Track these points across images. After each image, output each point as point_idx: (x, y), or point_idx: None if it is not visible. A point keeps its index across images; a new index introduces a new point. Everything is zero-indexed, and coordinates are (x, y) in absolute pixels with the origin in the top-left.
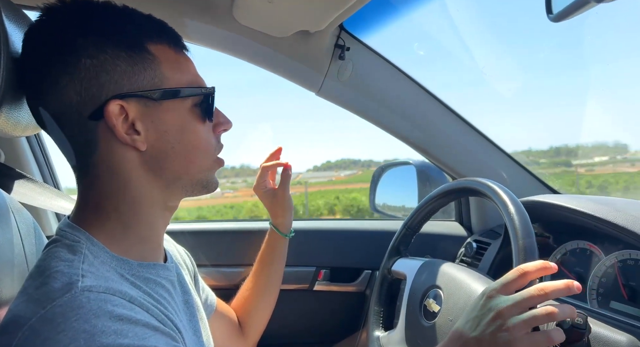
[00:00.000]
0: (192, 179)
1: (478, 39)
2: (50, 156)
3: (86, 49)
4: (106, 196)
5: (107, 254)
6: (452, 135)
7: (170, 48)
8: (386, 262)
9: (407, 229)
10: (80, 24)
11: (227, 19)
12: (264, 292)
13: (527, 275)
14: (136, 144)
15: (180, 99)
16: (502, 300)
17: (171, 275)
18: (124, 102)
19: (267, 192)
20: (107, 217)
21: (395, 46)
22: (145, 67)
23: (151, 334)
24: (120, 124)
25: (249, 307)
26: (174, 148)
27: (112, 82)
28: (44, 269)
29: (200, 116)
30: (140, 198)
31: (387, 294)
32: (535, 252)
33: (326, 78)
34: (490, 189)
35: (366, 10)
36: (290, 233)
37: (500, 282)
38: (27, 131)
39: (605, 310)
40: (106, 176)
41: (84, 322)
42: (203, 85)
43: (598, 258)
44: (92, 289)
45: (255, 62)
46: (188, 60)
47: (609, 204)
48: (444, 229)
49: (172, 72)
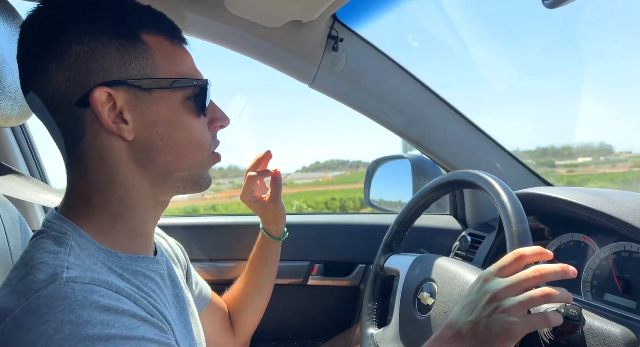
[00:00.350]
0: (183, 174)
1: (472, 31)
2: (37, 149)
3: (78, 36)
4: (94, 187)
5: (94, 246)
6: (446, 128)
7: (166, 39)
8: (379, 259)
9: (398, 225)
10: (75, 11)
11: (219, 9)
12: (255, 293)
13: (523, 258)
14: (122, 133)
15: (172, 90)
16: (498, 282)
17: (161, 268)
18: (112, 90)
19: (256, 202)
20: (95, 209)
21: (389, 37)
22: (137, 56)
23: (139, 324)
24: (106, 111)
25: (239, 307)
26: (163, 140)
27: (101, 69)
28: (29, 260)
29: (194, 110)
30: (129, 190)
31: (380, 291)
32: (529, 237)
33: (319, 70)
34: (483, 180)
35: (359, 0)
36: (283, 236)
37: (497, 266)
38: (10, 122)
39: (599, 302)
40: (94, 165)
41: (68, 312)
42: (202, 79)
43: (592, 250)
44: (77, 280)
45: (247, 53)
46: (185, 53)
47: (604, 195)
48: (439, 223)
49: (166, 64)
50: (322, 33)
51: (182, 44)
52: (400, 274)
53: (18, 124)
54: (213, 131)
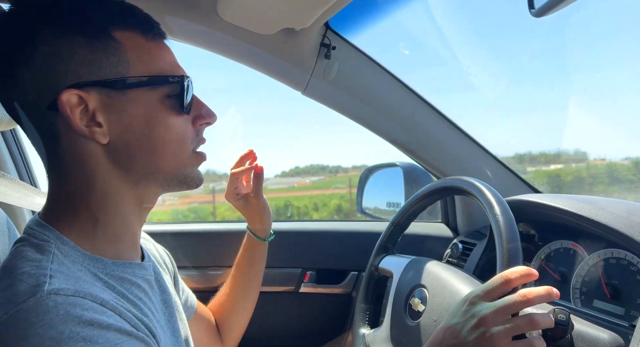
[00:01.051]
0: (165, 174)
1: (463, 40)
2: (27, 153)
3: (43, 38)
4: (75, 192)
5: (78, 252)
6: (437, 136)
7: (140, 35)
8: (373, 260)
9: (394, 226)
10: (40, 13)
11: (212, 15)
12: (242, 297)
13: (511, 282)
14: (96, 136)
15: (148, 89)
16: (485, 306)
17: (148, 274)
18: (83, 92)
19: (239, 199)
20: (77, 214)
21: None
22: (108, 54)
23: (124, 339)
24: (77, 115)
25: (226, 312)
26: (140, 141)
27: (69, 71)
28: (10, 270)
29: (173, 108)
30: (109, 194)
31: (374, 292)
32: (519, 256)
33: (312, 77)
34: (476, 188)
35: (352, 9)
36: (270, 236)
37: (484, 289)
38: (0, 126)
39: (588, 309)
40: (72, 170)
41: (49, 328)
42: (179, 74)
43: (581, 257)
44: (59, 292)
45: (239, 60)
46: (162, 48)
47: (592, 202)
48: (430, 230)
49: (140, 61)
50: (314, 41)
51: (160, 38)
52: (393, 275)
53: (8, 129)
54: (198, 128)
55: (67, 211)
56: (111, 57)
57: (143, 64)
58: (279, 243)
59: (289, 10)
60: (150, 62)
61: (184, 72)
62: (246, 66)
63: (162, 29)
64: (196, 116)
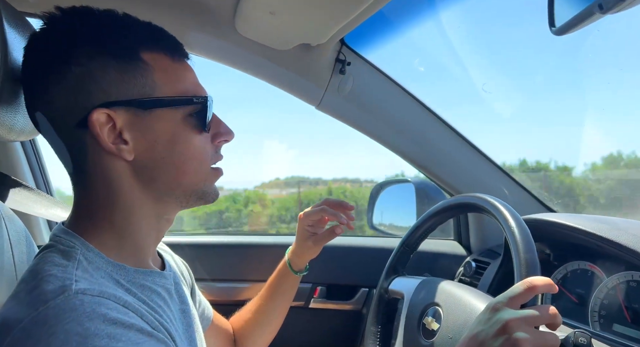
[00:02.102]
0: (185, 190)
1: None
2: (45, 163)
3: (77, 58)
4: (99, 205)
5: (102, 259)
6: (451, 153)
7: (166, 56)
8: (383, 282)
9: (404, 247)
10: (74, 33)
11: (230, 31)
12: (265, 319)
13: (535, 289)
14: (122, 153)
15: (172, 108)
16: (509, 313)
17: (168, 283)
18: (111, 111)
19: (307, 229)
20: (101, 226)
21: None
22: (136, 75)
23: (145, 339)
24: (105, 133)
25: (248, 330)
26: (164, 159)
27: (99, 90)
28: (37, 272)
29: (195, 126)
30: (133, 208)
31: (384, 314)
32: (537, 267)
33: (326, 92)
34: (490, 204)
35: (367, 25)
36: (303, 272)
37: (507, 296)
38: (22, 136)
39: (608, 333)
40: (98, 184)
41: (76, 324)
42: (201, 95)
43: (600, 279)
44: (86, 292)
45: (256, 74)
46: (186, 69)
47: (611, 223)
48: (443, 248)
49: (166, 81)
50: (330, 56)
51: (183, 59)
52: (404, 297)
53: (30, 139)
54: (217, 145)
55: (91, 221)
56: (139, 77)
57: (168, 84)
58: None
59: (306, 26)
60: (175, 82)
61: (205, 91)
62: (262, 80)
63: (185, 49)
64: (215, 134)
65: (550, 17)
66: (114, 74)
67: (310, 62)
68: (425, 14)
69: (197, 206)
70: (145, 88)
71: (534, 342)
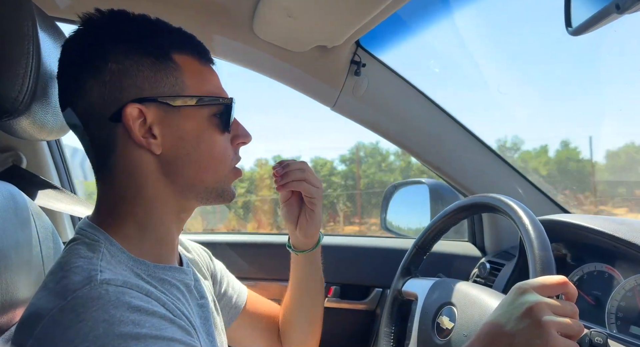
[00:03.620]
0: (207, 187)
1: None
2: (69, 162)
3: (114, 55)
4: (123, 198)
5: (124, 254)
6: (466, 154)
7: (195, 59)
8: (396, 283)
9: (417, 248)
10: (112, 32)
11: (248, 33)
12: (297, 309)
13: (566, 287)
14: (151, 147)
15: (199, 107)
16: (538, 297)
17: (187, 278)
18: (143, 106)
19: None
20: (124, 219)
21: (411, 63)
22: (168, 74)
23: (168, 325)
24: (137, 126)
25: (287, 323)
26: (189, 154)
27: (134, 86)
28: (64, 264)
29: (218, 126)
30: (155, 202)
31: (398, 315)
32: (552, 265)
33: (341, 93)
34: (505, 204)
35: (382, 27)
36: (311, 247)
37: (538, 281)
38: (52, 135)
39: (625, 335)
40: (123, 177)
41: (103, 312)
42: (227, 97)
43: (617, 281)
44: (110, 282)
45: (272, 76)
46: (212, 73)
47: (629, 224)
48: (457, 249)
49: (194, 82)
50: (345, 58)
51: (209, 64)
52: (418, 298)
53: (57, 138)
54: (235, 147)
55: (115, 215)
56: (170, 76)
57: (196, 85)
58: None
59: (322, 29)
60: (202, 83)
61: (228, 95)
62: (278, 81)
63: (210, 55)
64: (235, 136)
65: (566, 17)
66: (148, 72)
67: (326, 63)
68: (439, 15)
69: (216, 203)
70: (175, 87)
71: (560, 327)
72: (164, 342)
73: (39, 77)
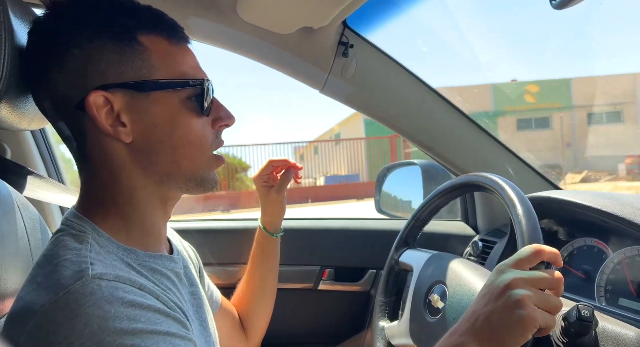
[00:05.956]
0: (185, 175)
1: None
2: (55, 151)
3: (76, 40)
4: (103, 188)
5: (112, 243)
6: (456, 133)
7: (165, 39)
8: (394, 253)
9: (415, 221)
10: (75, 16)
11: (231, 15)
12: (259, 291)
13: (542, 254)
14: (120, 136)
15: (170, 91)
16: (514, 272)
17: (177, 267)
18: (109, 94)
19: (264, 185)
20: (107, 208)
21: (399, 43)
22: (134, 57)
23: (163, 319)
24: (103, 115)
25: (246, 307)
26: (163, 142)
27: (98, 72)
28: (52, 257)
29: (194, 110)
30: (134, 190)
31: (394, 285)
32: (539, 236)
33: (330, 75)
34: (494, 182)
35: (369, 7)
36: (278, 233)
37: (513, 258)
38: (33, 124)
39: (614, 307)
40: (100, 168)
41: (97, 308)
42: (200, 78)
43: (606, 255)
44: (102, 277)
45: (258, 59)
46: (185, 52)
47: (617, 198)
48: (450, 229)
49: (163, 64)
50: (332, 39)
51: (183, 43)
52: (414, 270)
53: (40, 127)
54: (217, 130)
55: (98, 205)
56: (137, 60)
57: (166, 67)
58: (297, 240)
59: (306, 9)
60: (173, 65)
61: (205, 75)
62: (264, 65)
63: (185, 33)
64: (215, 118)
65: None
66: (111, 56)
67: (313, 45)
68: None
69: (196, 193)
70: (142, 70)
71: (536, 301)
72: (159, 337)
73: (13, 65)
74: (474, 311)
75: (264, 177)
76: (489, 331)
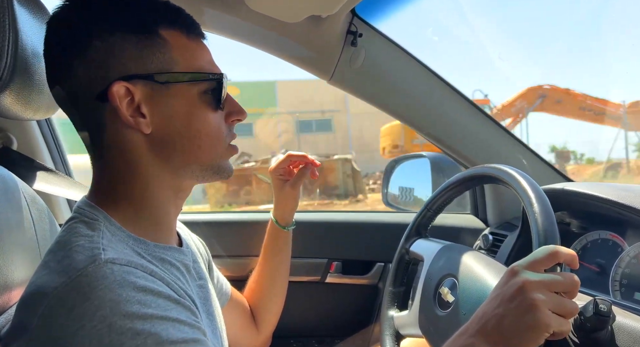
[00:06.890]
0: (202, 165)
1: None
2: (62, 142)
3: (98, 33)
4: (117, 178)
5: (123, 233)
6: (467, 124)
7: (184, 34)
8: (404, 242)
9: (427, 210)
10: (96, 9)
11: (239, 5)
12: (270, 283)
13: (557, 255)
14: (140, 126)
15: (188, 84)
16: (527, 274)
17: (186, 259)
18: (130, 85)
19: (280, 178)
20: (120, 199)
21: (409, 32)
22: (155, 51)
23: (173, 306)
24: (125, 105)
25: (257, 299)
26: (181, 133)
27: (119, 64)
28: (65, 243)
29: (210, 103)
30: (150, 181)
31: (404, 275)
32: (556, 236)
33: (338, 65)
34: (508, 174)
35: None
36: (290, 226)
37: (528, 259)
38: (39, 114)
39: (629, 302)
40: (116, 158)
41: (109, 291)
42: (218, 72)
43: (621, 248)
44: (115, 261)
45: (266, 49)
46: (202, 48)
47: (632, 190)
48: (460, 222)
49: (183, 58)
50: (341, 28)
51: (200, 38)
52: (424, 260)
53: (46, 117)
54: (230, 124)
55: (111, 195)
56: (157, 53)
57: (185, 61)
58: (305, 233)
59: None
60: (191, 59)
61: (220, 70)
62: (272, 55)
63: (201, 29)
64: (229, 113)
65: None
66: (134, 49)
67: (321, 34)
68: None
69: (212, 181)
70: (163, 63)
71: (551, 305)
72: (169, 323)
73: (19, 53)
74: (485, 312)
75: (280, 170)
76: (500, 334)
